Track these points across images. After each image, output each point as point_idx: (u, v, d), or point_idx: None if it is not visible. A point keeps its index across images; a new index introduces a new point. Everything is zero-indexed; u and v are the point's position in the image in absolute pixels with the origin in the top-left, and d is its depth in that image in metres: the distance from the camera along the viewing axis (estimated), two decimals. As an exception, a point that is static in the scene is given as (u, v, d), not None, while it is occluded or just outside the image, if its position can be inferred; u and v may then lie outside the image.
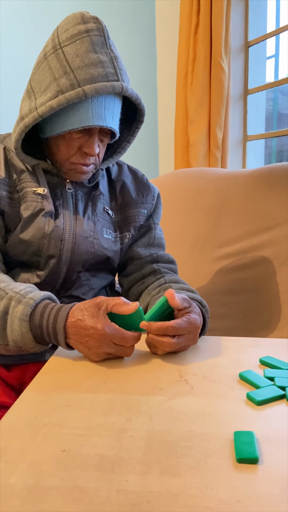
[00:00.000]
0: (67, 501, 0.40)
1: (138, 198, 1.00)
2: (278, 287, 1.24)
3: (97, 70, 0.76)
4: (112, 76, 0.77)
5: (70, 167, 0.86)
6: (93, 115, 0.78)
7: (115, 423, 0.53)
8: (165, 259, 1.02)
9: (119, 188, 0.99)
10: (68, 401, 0.58)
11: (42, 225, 0.85)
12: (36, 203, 0.86)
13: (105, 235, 0.93)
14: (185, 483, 0.42)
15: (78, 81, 0.75)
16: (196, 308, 0.73)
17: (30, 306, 0.69)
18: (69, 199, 0.90)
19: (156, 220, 1.04)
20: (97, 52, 0.76)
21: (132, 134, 0.94)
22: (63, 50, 0.77)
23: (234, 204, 1.43)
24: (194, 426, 0.52)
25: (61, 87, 0.76)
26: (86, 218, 0.91)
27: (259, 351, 0.74)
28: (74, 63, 0.76)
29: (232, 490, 0.41)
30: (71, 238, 0.88)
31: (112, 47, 0.79)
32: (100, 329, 0.66)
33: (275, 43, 2.23)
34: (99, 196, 0.94)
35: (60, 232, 0.87)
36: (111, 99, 0.80)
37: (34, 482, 0.43)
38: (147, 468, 0.44)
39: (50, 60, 0.78)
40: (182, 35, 2.07)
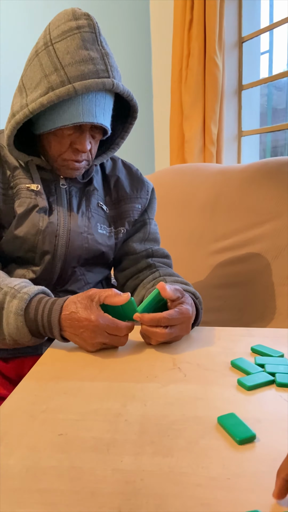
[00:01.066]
0: (64, 480, 0.42)
1: (132, 193, 1.01)
2: (271, 280, 1.26)
3: (88, 67, 0.76)
4: (103, 73, 0.77)
5: (62, 163, 0.87)
6: (83, 112, 0.79)
7: (110, 408, 0.55)
8: (159, 254, 1.04)
9: (113, 183, 1.00)
10: (65, 389, 0.60)
11: (37, 221, 0.86)
12: (30, 199, 0.86)
13: (99, 230, 0.94)
14: (177, 462, 0.44)
15: (69, 78, 0.75)
16: (188, 299, 0.75)
17: (24, 301, 0.71)
18: (63, 195, 0.91)
19: (151, 215, 1.06)
20: (88, 49, 0.77)
21: (126, 130, 0.95)
22: (54, 46, 0.77)
23: (228, 199, 1.44)
24: (186, 410, 0.54)
25: (52, 83, 0.76)
26: (80, 214, 0.91)
27: (251, 340, 0.76)
28: (64, 60, 0.76)
29: (222, 468, 0.43)
30: (65, 234, 0.89)
31: (103, 44, 0.79)
32: (94, 320, 0.68)
33: (269, 38, 2.24)
34: (93, 191, 0.95)
35: (55, 228, 0.88)
36: (102, 96, 0.80)
37: (32, 463, 0.45)
38: (141, 449, 0.46)
39: (41, 57, 0.78)
40: (176, 31, 2.09)
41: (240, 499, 0.39)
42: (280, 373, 0.60)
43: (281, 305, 1.23)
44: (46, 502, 0.39)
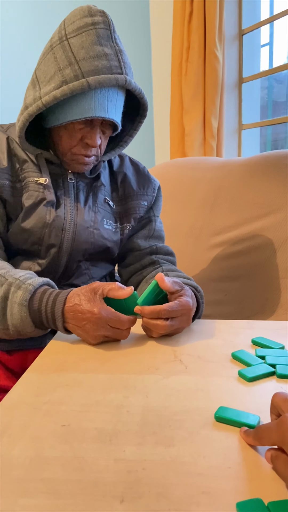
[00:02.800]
0: (67, 470, 0.43)
1: (139, 190, 1.02)
2: (272, 273, 1.27)
3: (102, 62, 0.77)
4: (116, 69, 0.78)
5: (71, 157, 0.87)
6: (95, 107, 0.79)
7: (112, 400, 0.55)
8: (164, 251, 1.04)
9: (120, 179, 1.01)
10: (67, 381, 0.60)
11: (43, 215, 0.87)
12: (38, 192, 0.87)
13: (105, 225, 0.95)
14: (179, 452, 0.45)
15: (83, 72, 0.76)
16: (188, 291, 0.75)
17: (29, 292, 0.71)
18: (71, 190, 0.92)
19: (156, 212, 1.06)
20: (102, 44, 0.77)
21: (135, 128, 0.96)
22: (69, 41, 0.78)
23: (229, 192, 1.44)
24: (187, 401, 0.54)
25: (66, 77, 0.77)
26: (87, 209, 0.92)
27: (251, 332, 0.76)
28: (79, 55, 0.77)
29: (223, 457, 0.44)
30: (71, 228, 0.90)
31: (118, 41, 0.80)
32: (97, 313, 0.68)
33: (269, 31, 2.23)
34: (100, 187, 0.96)
35: (61, 222, 0.89)
36: (114, 92, 0.81)
37: (35, 453, 0.45)
38: (143, 439, 0.47)
39: (56, 51, 0.79)
40: (176, 24, 2.08)
41: (241, 488, 0.40)
42: (280, 365, 0.61)
43: (282, 298, 1.24)
44: (50, 491, 0.40)
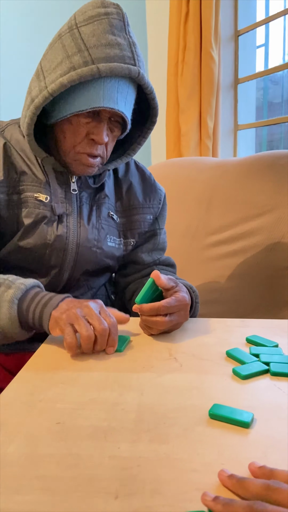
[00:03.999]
0: (62, 467, 0.43)
1: (144, 202, 0.97)
2: (267, 273, 1.27)
3: (114, 51, 0.71)
4: (129, 60, 0.73)
5: (75, 157, 0.81)
6: (104, 96, 0.73)
7: (107, 397, 0.55)
8: (166, 263, 1.03)
9: (125, 188, 0.95)
10: (62, 379, 0.61)
11: (44, 234, 0.82)
12: (38, 210, 0.82)
13: (109, 242, 0.91)
14: (173, 449, 0.45)
15: (93, 59, 0.71)
16: (182, 287, 0.76)
17: (20, 290, 0.69)
18: (74, 203, 0.86)
19: (161, 224, 1.02)
20: (115, 34, 0.72)
21: (144, 136, 0.89)
22: (79, 30, 0.73)
23: (224, 192, 1.45)
24: (182, 399, 0.55)
25: (74, 63, 0.71)
26: (90, 226, 0.87)
27: (246, 330, 0.77)
28: (89, 42, 0.71)
29: (217, 454, 0.44)
30: (74, 248, 0.86)
31: (131, 34, 0.75)
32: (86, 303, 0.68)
33: (264, 32, 2.24)
34: (104, 199, 0.90)
35: (63, 242, 0.84)
36: (125, 84, 0.75)
37: (30, 451, 0.46)
38: (138, 436, 0.47)
39: (65, 39, 0.74)
40: (172, 25, 2.08)
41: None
42: (274, 363, 0.61)
43: (277, 297, 1.24)
44: (45, 487, 0.40)
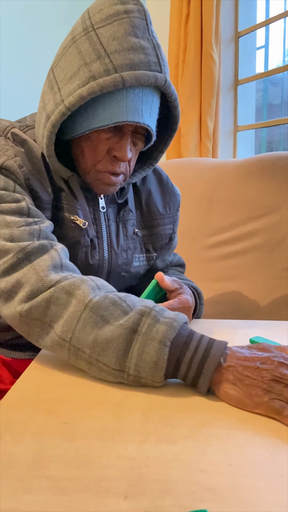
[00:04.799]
0: (70, 467, 0.43)
1: (165, 213, 0.92)
2: (267, 273, 1.28)
3: (138, 56, 0.63)
4: (155, 66, 0.65)
5: (96, 176, 0.74)
6: (127, 109, 0.65)
7: (114, 398, 0.56)
8: (176, 264, 1.02)
9: (145, 198, 0.89)
10: (68, 380, 0.61)
11: (77, 261, 0.77)
12: (73, 234, 0.76)
13: (135, 263, 0.87)
14: (180, 449, 0.45)
15: (115, 66, 0.63)
16: (187, 289, 0.76)
17: (174, 329, 0.55)
18: (103, 222, 0.81)
19: (175, 228, 0.98)
20: (138, 36, 0.64)
21: (165, 143, 0.82)
22: (96, 32, 0.64)
23: (224, 193, 1.45)
24: (188, 400, 0.55)
25: (94, 72, 0.63)
26: (120, 250, 0.83)
27: (249, 331, 0.77)
28: (110, 47, 0.63)
29: (224, 455, 0.44)
30: (105, 275, 0.82)
31: (154, 34, 0.67)
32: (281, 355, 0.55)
33: (265, 33, 2.24)
34: (128, 215, 0.85)
35: (95, 270, 0.80)
36: (149, 93, 0.67)
37: (38, 451, 0.46)
38: (145, 437, 0.47)
39: (80, 44, 0.65)
40: (172, 26, 2.09)
41: (243, 484, 0.40)
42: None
43: (278, 298, 1.25)
44: (53, 487, 0.40)
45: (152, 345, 0.54)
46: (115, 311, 0.57)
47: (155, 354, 0.54)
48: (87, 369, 0.59)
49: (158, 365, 0.54)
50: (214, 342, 0.55)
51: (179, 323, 0.56)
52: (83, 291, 0.60)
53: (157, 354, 0.54)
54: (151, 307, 0.58)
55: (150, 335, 0.55)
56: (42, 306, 0.60)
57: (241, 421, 0.50)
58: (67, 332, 0.58)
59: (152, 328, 0.55)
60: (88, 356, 0.57)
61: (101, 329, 0.56)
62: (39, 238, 0.66)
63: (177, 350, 0.54)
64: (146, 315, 0.56)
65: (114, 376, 0.57)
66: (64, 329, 0.58)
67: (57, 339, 0.59)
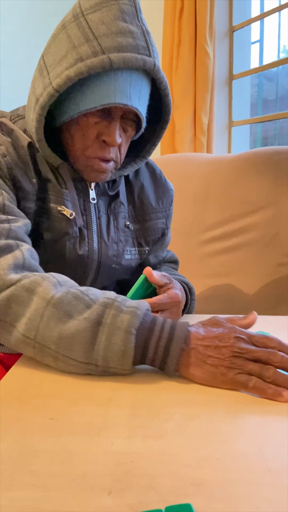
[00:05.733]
0: (55, 463, 0.42)
1: (157, 207, 0.91)
2: (261, 269, 1.27)
3: (127, 40, 0.64)
4: (144, 50, 0.65)
5: (86, 163, 0.74)
6: (115, 91, 0.66)
7: (101, 393, 0.55)
8: (169, 260, 1.02)
9: (137, 191, 0.89)
10: (56, 375, 0.60)
11: (65, 252, 0.77)
12: (60, 225, 0.75)
13: (126, 256, 0.87)
14: (168, 444, 0.45)
15: (103, 48, 0.63)
16: (177, 284, 0.75)
17: (138, 317, 0.56)
18: (93, 214, 0.80)
19: (169, 224, 0.98)
20: (127, 21, 0.65)
21: (158, 136, 0.82)
22: (85, 18, 0.65)
23: (219, 188, 1.45)
24: (177, 394, 0.54)
25: (81, 54, 0.64)
26: (110, 241, 0.82)
27: (240, 326, 0.76)
28: (98, 31, 0.64)
29: (212, 449, 0.44)
30: (95, 267, 0.82)
31: (144, 22, 0.67)
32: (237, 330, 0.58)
33: (259, 28, 2.23)
34: (119, 207, 0.85)
35: (84, 261, 0.79)
36: (138, 77, 0.68)
37: (24, 446, 0.45)
38: (132, 432, 0.47)
39: (70, 29, 0.66)
40: (166, 20, 2.07)
41: (229, 479, 0.40)
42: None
43: (271, 294, 1.25)
44: (38, 483, 0.40)
45: (118, 335, 0.55)
46: (78, 305, 0.57)
47: (122, 343, 0.55)
48: (54, 365, 0.59)
49: (126, 353, 0.55)
50: (177, 325, 0.57)
51: (142, 310, 0.57)
52: (44, 288, 0.59)
53: (124, 343, 0.55)
54: (114, 298, 0.58)
55: (115, 325, 0.55)
56: (2, 305, 0.59)
57: (229, 415, 0.50)
58: (31, 330, 0.57)
59: (117, 319, 0.56)
60: (54, 352, 0.57)
61: (65, 324, 0.56)
62: (7, 237, 0.65)
63: (143, 337, 0.56)
64: (109, 306, 0.57)
65: (81, 369, 0.57)
66: (27, 327, 0.57)
67: (21, 338, 0.58)
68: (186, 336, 0.56)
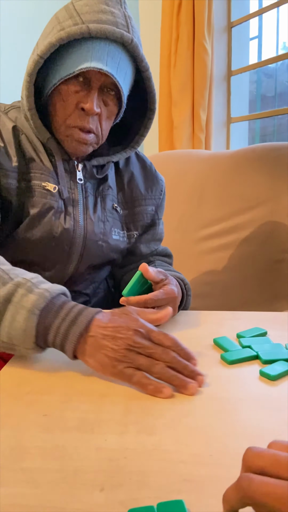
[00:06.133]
0: (47, 459, 0.42)
1: (146, 194, 0.95)
2: (258, 266, 1.27)
3: (107, 16, 0.70)
4: (123, 27, 0.71)
5: (66, 132, 0.77)
6: (92, 57, 0.70)
7: (95, 389, 0.55)
8: (162, 253, 1.02)
9: (127, 179, 0.93)
10: (49, 372, 0.60)
11: (51, 227, 0.79)
12: (46, 200, 0.78)
13: (113, 236, 0.89)
14: (161, 440, 0.45)
15: (83, 21, 0.70)
16: (172, 280, 0.75)
17: (45, 299, 0.57)
18: (80, 193, 0.83)
19: (160, 215, 1.00)
20: (109, 5, 0.72)
21: (146, 126, 0.87)
22: (73, 3, 0.73)
23: (217, 185, 1.44)
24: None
25: (64, 26, 0.70)
26: (96, 219, 0.85)
27: (236, 323, 0.76)
28: (82, 10, 0.71)
29: (205, 445, 0.44)
30: (81, 242, 0.84)
31: (127, 10, 0.74)
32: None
33: (258, 23, 2.22)
34: (108, 190, 0.88)
35: (70, 235, 0.82)
36: (116, 49, 0.72)
37: (16, 443, 0.45)
38: (125, 428, 0.47)
39: (58, 13, 0.74)
40: (164, 16, 2.06)
41: (222, 475, 0.39)
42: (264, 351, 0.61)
43: (268, 290, 1.24)
44: (29, 480, 0.39)
45: (21, 313, 0.56)
46: None
47: (24, 322, 0.56)
48: None
49: (27, 332, 0.56)
50: (84, 310, 0.58)
51: (52, 293, 0.58)
52: None
53: (26, 322, 0.56)
54: (29, 279, 0.59)
55: (21, 304, 0.57)
56: None
57: (222, 412, 0.50)
58: None
59: (24, 298, 0.57)
60: None
61: None
62: None
63: (47, 319, 0.57)
64: (22, 286, 0.58)
65: None
66: None
67: None
68: (88, 322, 0.57)
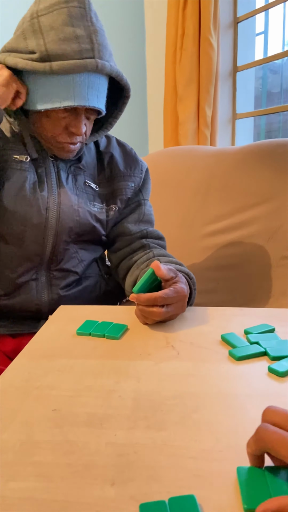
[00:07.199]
0: (58, 454, 0.42)
1: (126, 171, 1.00)
2: (264, 262, 1.27)
3: (71, 46, 0.75)
4: (87, 53, 0.75)
5: (56, 145, 0.86)
6: (75, 96, 0.77)
7: (104, 385, 0.55)
8: (154, 235, 1.03)
9: (107, 160, 0.99)
10: (58, 367, 0.60)
11: (26, 194, 0.85)
12: (20, 171, 0.85)
13: (92, 207, 0.94)
14: (170, 436, 0.45)
15: (47, 50, 0.75)
16: (182, 278, 0.75)
17: None
18: (51, 168, 0.90)
19: (145, 195, 1.05)
20: (74, 25, 0.75)
21: (120, 109, 0.93)
22: (39, 20, 0.76)
23: (222, 181, 1.44)
24: (179, 386, 0.54)
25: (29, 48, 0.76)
26: (68, 190, 0.91)
27: (244, 319, 0.76)
28: (48, 36, 0.75)
29: (214, 441, 0.44)
30: (56, 207, 0.89)
31: (94, 20, 0.77)
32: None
33: (264, 19, 2.21)
34: (79, 170, 0.94)
35: (45, 201, 0.87)
36: (95, 77, 0.79)
37: (26, 437, 0.45)
38: (134, 423, 0.47)
39: (26, 29, 0.78)
40: (170, 11, 2.05)
41: (232, 471, 0.39)
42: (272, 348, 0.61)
43: (274, 287, 1.24)
44: (40, 474, 0.40)
45: None
46: None
47: None
48: None
49: None
50: None
51: None
52: None
53: None
54: None
55: None
56: None
57: (231, 408, 0.50)
58: None
59: None
60: None
61: None
62: None
63: None
64: None
65: None
66: None
67: None
68: None
